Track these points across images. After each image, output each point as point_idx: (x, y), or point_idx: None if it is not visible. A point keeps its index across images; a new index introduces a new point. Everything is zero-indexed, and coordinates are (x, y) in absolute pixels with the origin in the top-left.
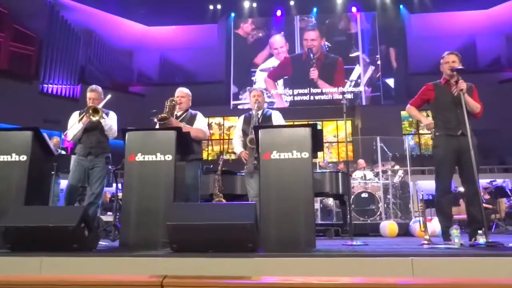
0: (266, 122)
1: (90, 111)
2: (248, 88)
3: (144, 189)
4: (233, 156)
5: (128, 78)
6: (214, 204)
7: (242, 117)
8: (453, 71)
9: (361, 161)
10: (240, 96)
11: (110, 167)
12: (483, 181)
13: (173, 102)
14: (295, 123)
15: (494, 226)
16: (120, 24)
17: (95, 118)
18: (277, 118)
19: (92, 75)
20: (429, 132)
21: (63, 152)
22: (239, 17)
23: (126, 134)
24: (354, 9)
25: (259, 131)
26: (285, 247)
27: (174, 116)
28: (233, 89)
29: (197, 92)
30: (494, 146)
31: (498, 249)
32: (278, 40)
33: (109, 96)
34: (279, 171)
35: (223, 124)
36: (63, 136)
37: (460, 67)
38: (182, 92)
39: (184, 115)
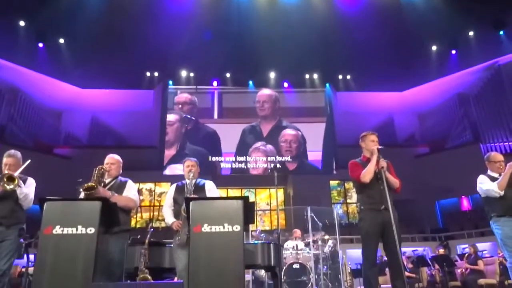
0: (199, 192)
1: (5, 179)
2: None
3: (59, 265)
4: (163, 224)
5: (54, 139)
6: (138, 284)
7: (174, 185)
8: (378, 150)
9: (297, 231)
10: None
11: (21, 240)
12: (406, 250)
13: (102, 170)
14: (229, 190)
15: None
16: (51, 84)
17: (9, 187)
18: (210, 188)
19: (13, 134)
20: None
21: None
22: (176, 84)
23: (45, 204)
24: (286, 84)
25: (191, 202)
26: None
27: (102, 184)
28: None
29: (128, 156)
30: (413, 215)
31: None
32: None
33: (28, 162)
34: (209, 245)
35: (154, 190)
36: None
37: (381, 146)
38: (112, 159)
39: (113, 182)
